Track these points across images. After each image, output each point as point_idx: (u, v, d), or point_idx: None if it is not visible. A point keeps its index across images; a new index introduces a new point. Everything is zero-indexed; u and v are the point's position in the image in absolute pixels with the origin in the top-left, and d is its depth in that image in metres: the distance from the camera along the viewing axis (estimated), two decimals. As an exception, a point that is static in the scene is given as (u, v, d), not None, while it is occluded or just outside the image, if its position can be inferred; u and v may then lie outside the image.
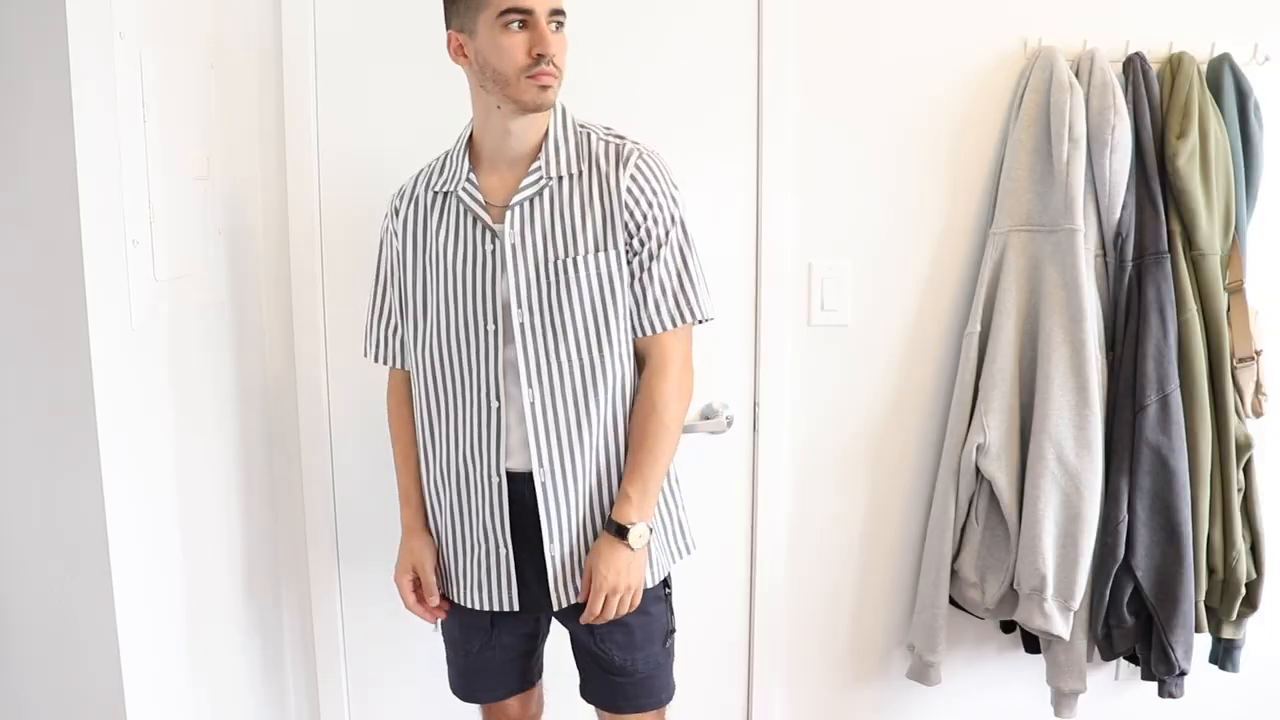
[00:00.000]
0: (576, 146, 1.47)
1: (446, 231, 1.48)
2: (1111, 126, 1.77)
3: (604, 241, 1.44)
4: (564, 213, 1.45)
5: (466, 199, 1.47)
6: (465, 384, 1.48)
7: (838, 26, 1.89)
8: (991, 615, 1.94)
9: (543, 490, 1.47)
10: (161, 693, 1.46)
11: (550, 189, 1.45)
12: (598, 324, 1.45)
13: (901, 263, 1.95)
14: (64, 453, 1.28)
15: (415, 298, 1.52)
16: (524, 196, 1.45)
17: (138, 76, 1.39)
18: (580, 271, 1.44)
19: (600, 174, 1.45)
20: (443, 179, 1.51)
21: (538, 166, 1.45)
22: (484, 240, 1.46)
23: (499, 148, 1.46)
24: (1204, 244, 1.82)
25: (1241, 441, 1.85)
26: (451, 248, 1.47)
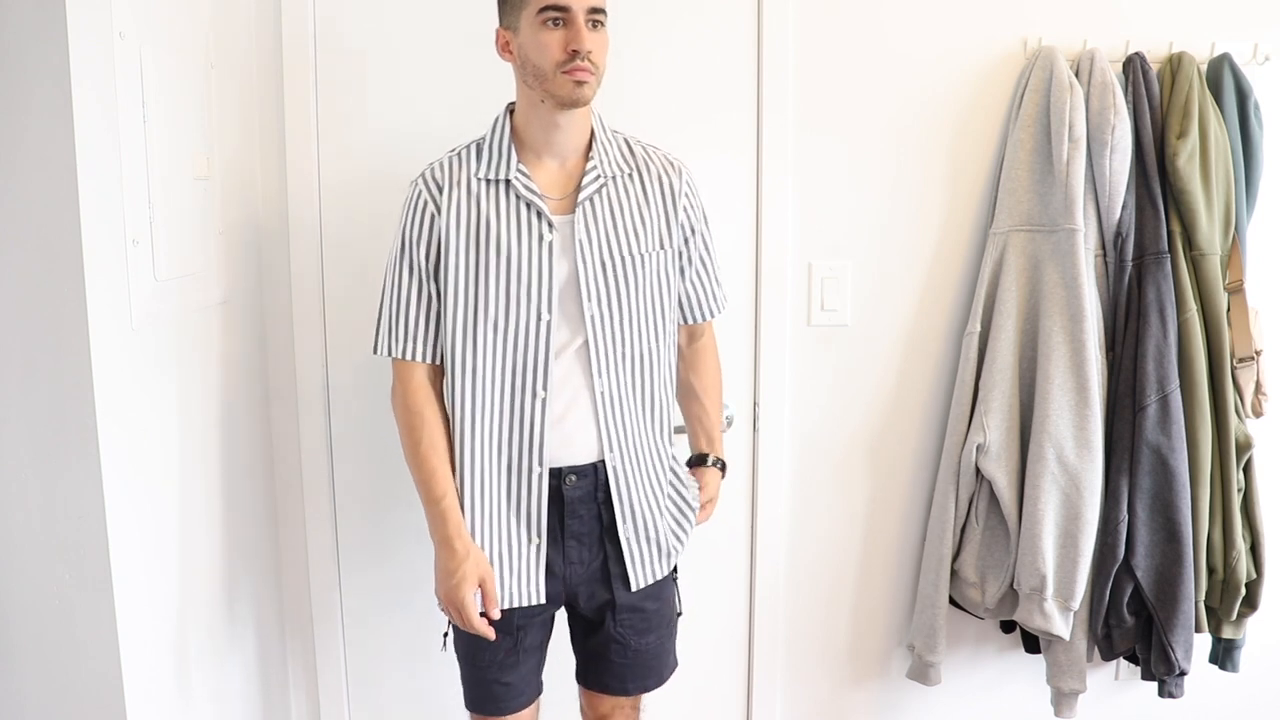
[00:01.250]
0: (619, 148, 1.55)
1: (504, 220, 1.48)
2: (1111, 126, 1.77)
3: (664, 240, 1.54)
4: (623, 210, 1.52)
5: (522, 188, 1.48)
6: (515, 375, 1.49)
7: (837, 26, 1.89)
8: (991, 615, 1.94)
9: (614, 474, 1.52)
10: (161, 692, 1.46)
11: (608, 187, 1.52)
12: (656, 315, 1.55)
13: (901, 263, 1.95)
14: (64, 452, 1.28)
15: (468, 287, 1.48)
16: (591, 192, 1.50)
17: (138, 76, 1.39)
18: (644, 266, 1.52)
19: (654, 177, 1.56)
20: (488, 167, 1.49)
21: (594, 165, 1.50)
22: (542, 230, 1.47)
23: (548, 140, 1.49)
24: (1204, 244, 1.82)
25: (1241, 441, 1.85)
26: (510, 236, 1.47)
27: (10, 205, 1.23)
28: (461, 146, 1.54)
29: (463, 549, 1.48)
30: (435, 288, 1.51)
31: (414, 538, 1.96)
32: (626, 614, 1.57)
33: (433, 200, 1.50)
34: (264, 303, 1.91)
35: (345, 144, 1.87)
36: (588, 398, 1.50)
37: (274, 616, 1.97)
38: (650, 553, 1.57)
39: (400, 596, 1.99)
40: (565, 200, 1.50)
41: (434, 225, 1.49)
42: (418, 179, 1.52)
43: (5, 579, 1.31)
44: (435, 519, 1.50)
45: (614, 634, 1.58)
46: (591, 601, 1.56)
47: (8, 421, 1.28)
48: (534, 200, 1.47)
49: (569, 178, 1.51)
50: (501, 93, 1.95)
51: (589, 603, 1.56)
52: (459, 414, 1.51)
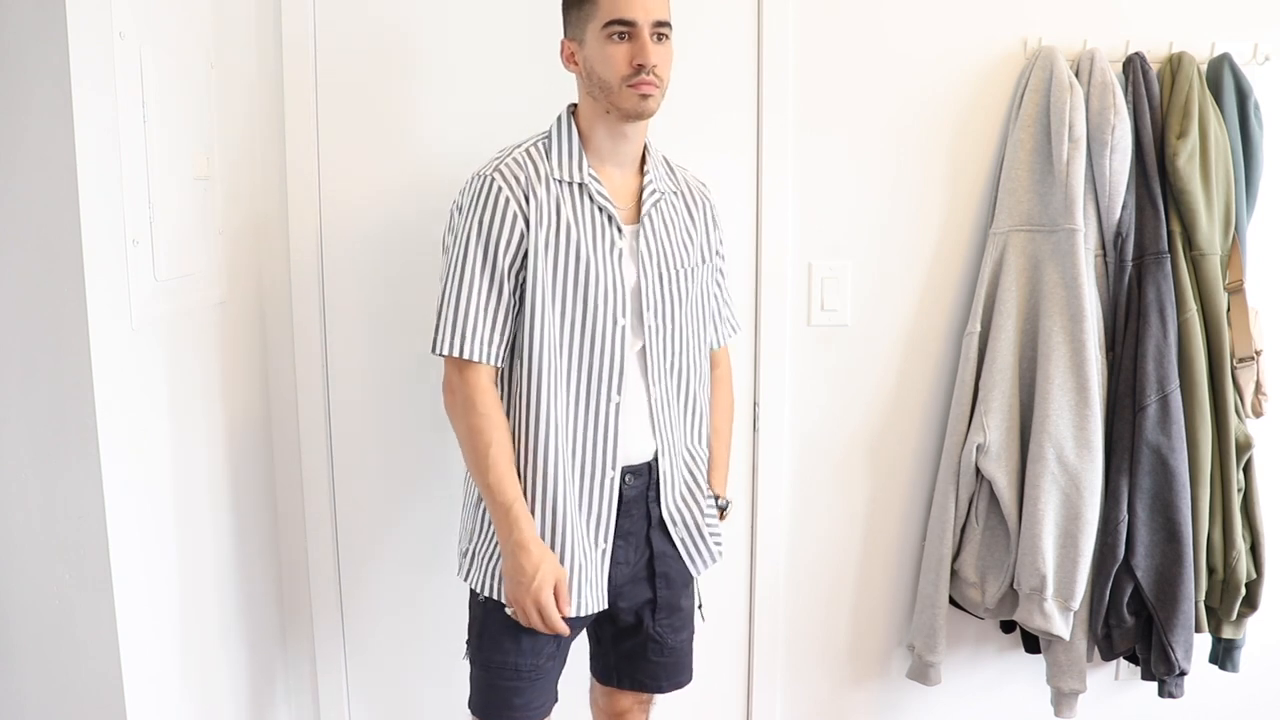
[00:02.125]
0: (663, 165, 1.60)
1: (582, 224, 1.47)
2: (1111, 126, 1.77)
3: (704, 256, 1.62)
4: (675, 224, 1.57)
5: (595, 193, 1.49)
6: (591, 379, 1.49)
7: (837, 26, 1.89)
8: (991, 615, 1.94)
9: (664, 476, 1.56)
10: (161, 692, 1.46)
11: (663, 200, 1.56)
12: (699, 327, 1.61)
13: (901, 263, 1.95)
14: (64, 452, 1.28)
15: (551, 290, 1.46)
16: (652, 204, 1.54)
17: (138, 76, 1.39)
18: (692, 280, 1.58)
19: (694, 197, 1.62)
20: (560, 168, 1.48)
21: (650, 179, 1.54)
22: (614, 236, 1.49)
23: (614, 150, 1.51)
24: (1204, 244, 1.82)
25: (1241, 441, 1.85)
26: (588, 241, 1.47)
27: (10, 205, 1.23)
28: (527, 142, 1.51)
29: (539, 552, 1.43)
30: (513, 287, 1.46)
31: (414, 537, 1.97)
32: (665, 613, 1.60)
33: (516, 199, 1.46)
34: (264, 303, 1.91)
35: (345, 144, 1.87)
36: (644, 401, 1.53)
37: (274, 616, 1.97)
38: (698, 542, 1.61)
39: (401, 596, 1.99)
40: (627, 210, 1.52)
41: (517, 224, 1.45)
42: (491, 174, 1.46)
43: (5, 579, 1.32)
44: (507, 523, 1.44)
45: (653, 633, 1.60)
46: (633, 601, 1.57)
47: (8, 421, 1.28)
48: (607, 206, 1.49)
49: (628, 187, 1.54)
50: (503, 93, 1.95)
51: (630, 602, 1.57)
52: (533, 418, 1.48)
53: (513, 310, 1.47)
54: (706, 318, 1.64)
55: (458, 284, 1.45)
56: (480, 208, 1.46)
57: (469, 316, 1.45)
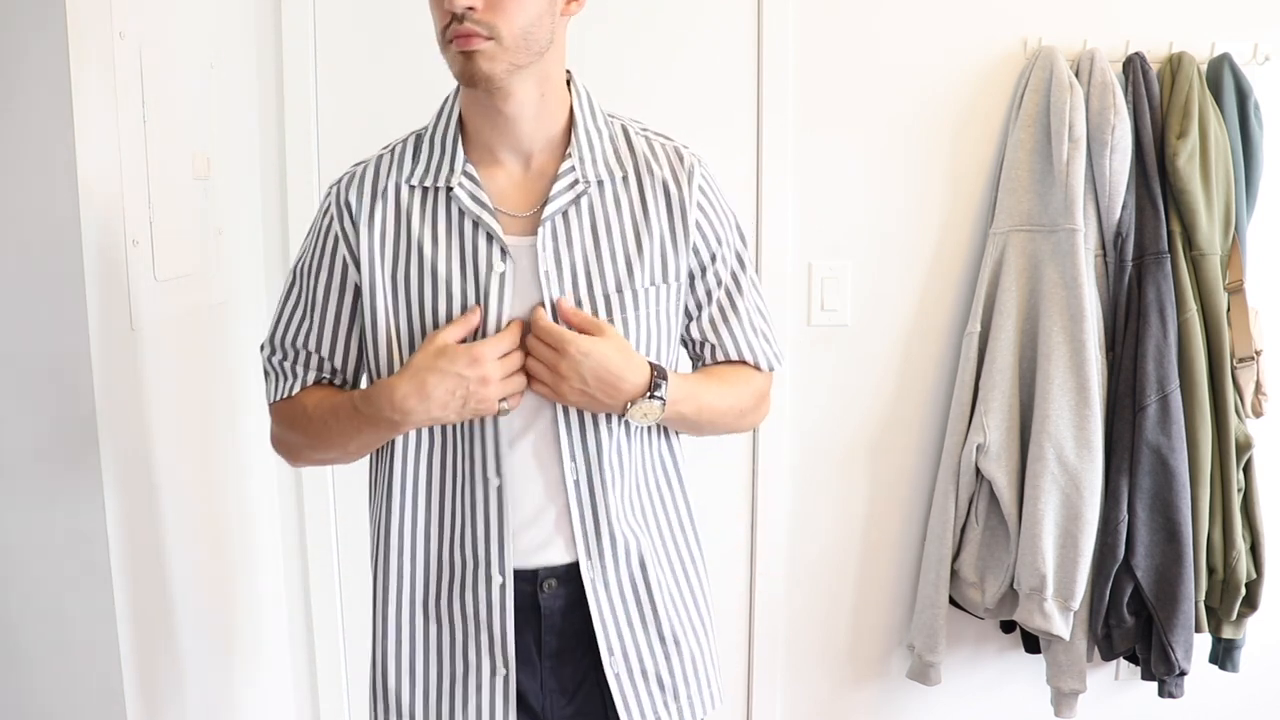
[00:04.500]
0: (613, 140, 1.16)
1: (441, 244, 1.11)
2: (1111, 126, 1.77)
3: (665, 270, 1.15)
4: (610, 229, 1.13)
5: (467, 200, 1.10)
6: (458, 455, 1.13)
7: (837, 27, 1.89)
8: (991, 615, 1.94)
9: (593, 589, 1.14)
10: (161, 692, 1.46)
11: (590, 197, 1.13)
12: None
13: (901, 263, 1.95)
14: (64, 451, 1.28)
15: (390, 337, 1.13)
16: (559, 207, 1.11)
17: (138, 76, 1.39)
18: (638, 308, 1.13)
19: (655, 181, 1.15)
20: (425, 170, 1.13)
21: (570, 167, 1.12)
22: (493, 258, 1.10)
23: (496, 133, 1.12)
24: (1204, 244, 1.82)
25: (1241, 441, 1.85)
26: (446, 265, 1.11)
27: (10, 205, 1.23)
28: (397, 141, 1.18)
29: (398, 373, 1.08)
30: (346, 332, 1.17)
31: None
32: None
33: (341, 219, 1.14)
34: (264, 303, 1.91)
35: (345, 144, 1.87)
36: (556, 483, 1.13)
37: (274, 615, 1.97)
38: (650, 691, 1.18)
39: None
40: (530, 218, 1.12)
41: (340, 253, 1.15)
42: (331, 187, 1.17)
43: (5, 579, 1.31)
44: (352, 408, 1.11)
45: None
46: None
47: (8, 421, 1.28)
48: (481, 216, 1.10)
49: (536, 185, 1.13)
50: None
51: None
52: (383, 506, 1.16)
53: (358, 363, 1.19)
54: (673, 356, 1.18)
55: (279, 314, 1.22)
56: (309, 239, 1.19)
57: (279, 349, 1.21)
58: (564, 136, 1.14)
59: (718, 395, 1.19)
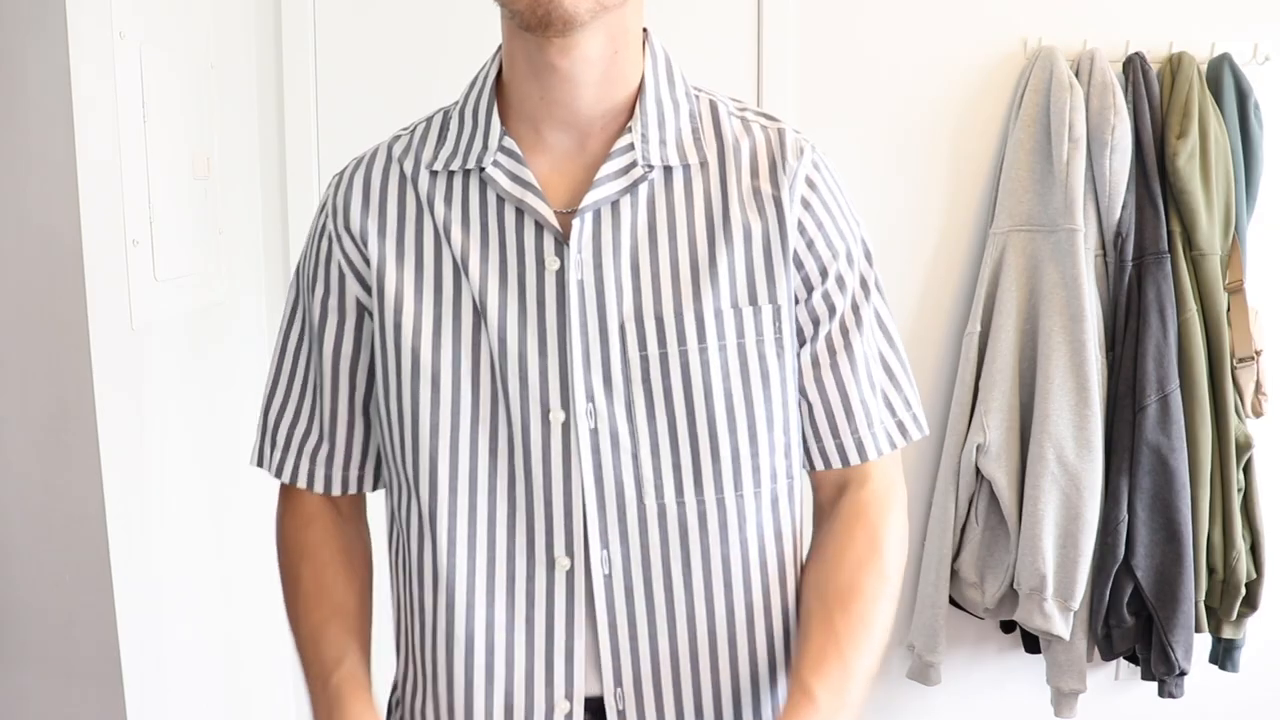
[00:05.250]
0: (694, 119, 0.88)
1: (475, 238, 0.85)
2: (1111, 126, 1.77)
3: (756, 288, 0.84)
4: (676, 231, 0.84)
5: (506, 181, 0.83)
6: (520, 528, 0.84)
7: (837, 27, 1.89)
8: (991, 615, 1.94)
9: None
10: (162, 693, 1.46)
11: (651, 185, 0.85)
12: (735, 434, 0.84)
13: (901, 263, 1.95)
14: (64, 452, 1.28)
15: (414, 367, 0.85)
16: (606, 196, 0.83)
17: (138, 76, 1.39)
18: (710, 337, 0.83)
19: (744, 170, 0.87)
20: (452, 151, 0.87)
21: (628, 145, 0.83)
22: (544, 252, 0.83)
23: (545, 98, 0.83)
24: (1204, 244, 1.82)
25: (1241, 441, 1.85)
26: (481, 271, 0.84)
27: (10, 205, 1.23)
28: (420, 120, 0.94)
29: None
30: (349, 368, 0.91)
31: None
32: None
33: (337, 222, 0.89)
34: (264, 303, 1.91)
35: (345, 144, 1.87)
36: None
37: (275, 615, 1.97)
38: None
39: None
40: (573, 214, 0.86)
41: (337, 267, 0.89)
42: (332, 181, 0.94)
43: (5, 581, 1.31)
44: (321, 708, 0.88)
45: None
46: None
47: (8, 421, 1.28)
48: (525, 200, 0.83)
49: (588, 171, 0.85)
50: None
51: None
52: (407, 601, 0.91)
53: (338, 407, 0.92)
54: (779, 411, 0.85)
55: (275, 367, 0.96)
56: (306, 248, 0.94)
57: (277, 412, 0.95)
58: (631, 108, 0.85)
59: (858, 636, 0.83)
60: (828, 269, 0.88)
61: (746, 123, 0.90)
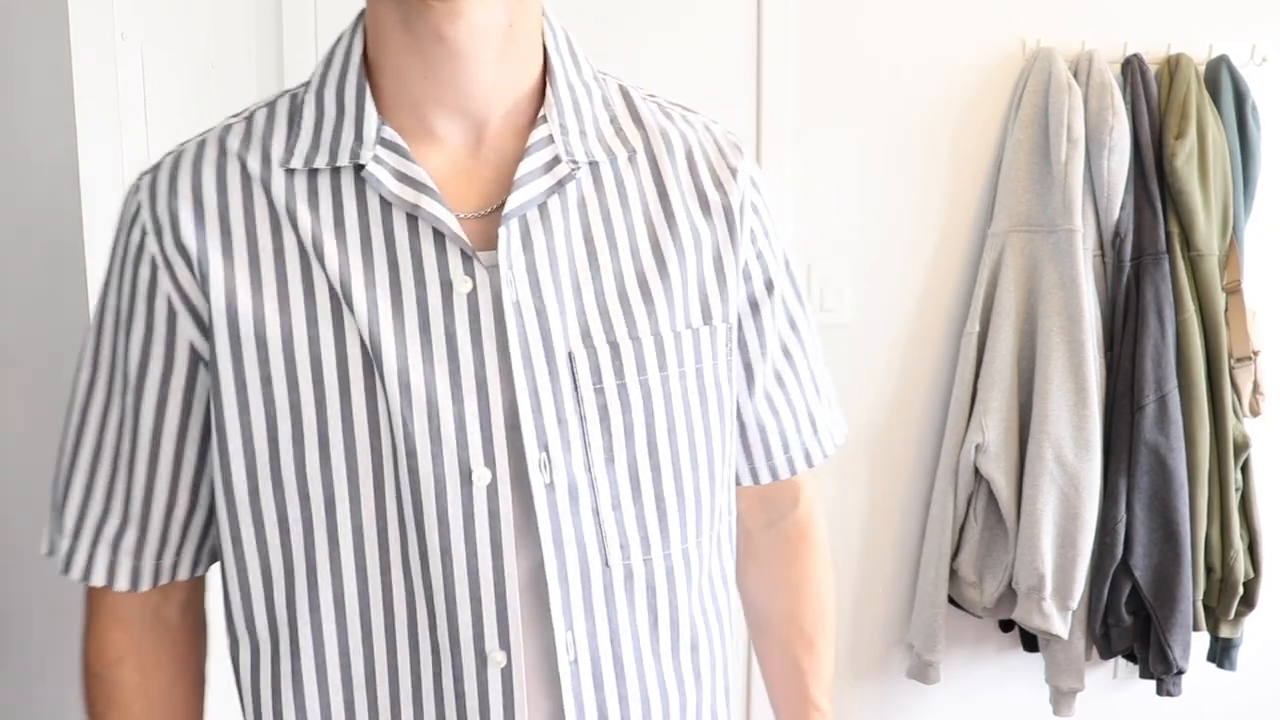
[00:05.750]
0: (607, 104, 0.75)
1: (352, 261, 0.67)
2: (1110, 127, 1.78)
3: (709, 304, 0.73)
4: (615, 237, 0.71)
5: (391, 181, 0.67)
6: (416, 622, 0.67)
7: (837, 27, 1.89)
8: (990, 614, 1.95)
9: None
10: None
11: (579, 184, 0.71)
12: (697, 473, 0.72)
13: (901, 263, 1.95)
14: (66, 453, 1.28)
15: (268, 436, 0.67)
16: (531, 198, 0.68)
17: (139, 77, 1.39)
18: (670, 363, 0.70)
19: (680, 166, 0.75)
20: (311, 144, 0.69)
21: (546, 136, 0.69)
22: (454, 274, 0.67)
23: (432, 85, 0.68)
24: (1202, 244, 1.82)
25: (1239, 441, 1.86)
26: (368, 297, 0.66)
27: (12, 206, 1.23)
28: (255, 105, 0.74)
29: None
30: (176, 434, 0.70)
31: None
32: None
33: (163, 241, 0.68)
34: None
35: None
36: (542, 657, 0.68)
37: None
38: None
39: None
40: (486, 220, 0.69)
41: (165, 302, 0.69)
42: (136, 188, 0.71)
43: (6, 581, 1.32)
44: None
45: None
46: None
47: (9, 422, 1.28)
48: (421, 204, 0.66)
49: (493, 168, 0.70)
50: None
51: None
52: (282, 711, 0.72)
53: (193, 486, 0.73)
54: (726, 438, 0.76)
55: (66, 433, 0.74)
56: (105, 279, 0.73)
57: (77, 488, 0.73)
58: (536, 97, 0.71)
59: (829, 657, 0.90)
60: (774, 280, 0.80)
61: (664, 110, 0.79)
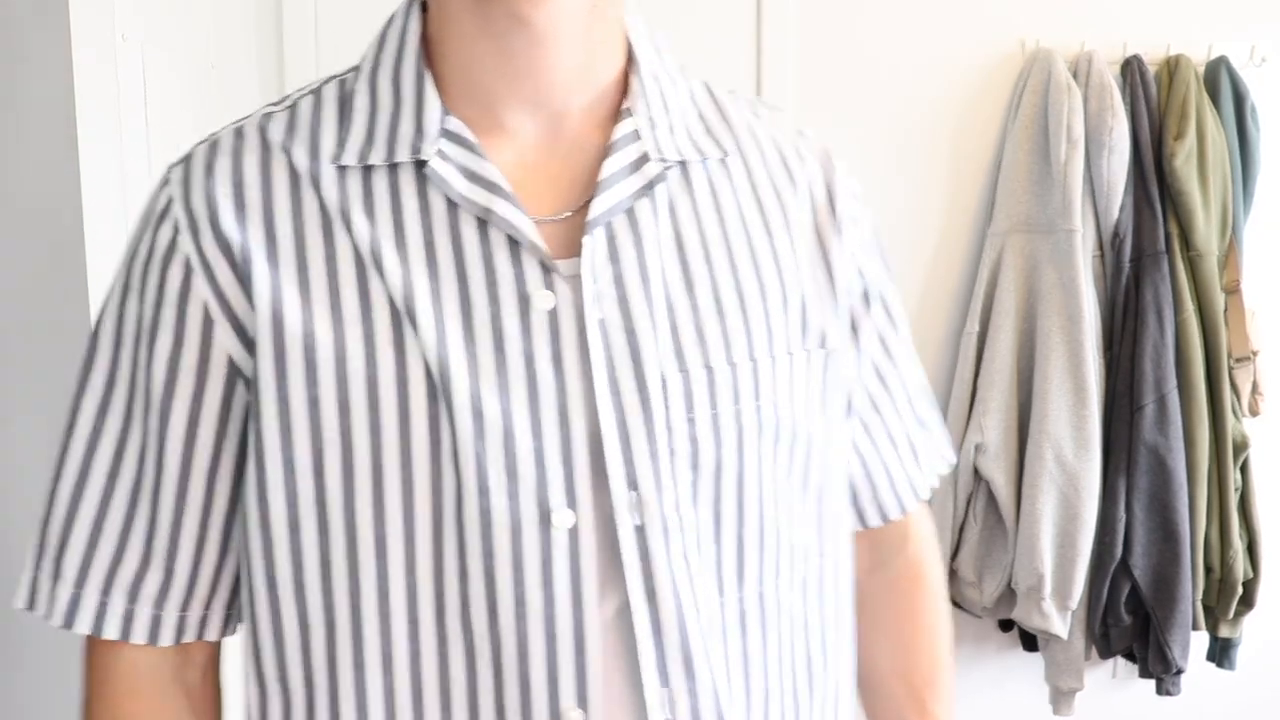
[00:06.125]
0: (694, 99, 0.68)
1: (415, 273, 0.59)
2: (1109, 128, 1.78)
3: (808, 325, 0.65)
4: (711, 249, 0.63)
5: (458, 180, 0.59)
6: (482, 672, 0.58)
7: (837, 28, 1.89)
8: (990, 614, 1.95)
9: None
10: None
11: (669, 189, 0.63)
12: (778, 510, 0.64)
13: (901, 263, 1.95)
14: (67, 454, 1.28)
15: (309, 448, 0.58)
16: (617, 201, 0.60)
17: (140, 78, 1.39)
18: (765, 391, 0.62)
19: (782, 173, 0.68)
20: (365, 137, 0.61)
21: (632, 132, 0.62)
22: (532, 288, 0.59)
23: (506, 75, 0.60)
24: (1201, 244, 1.83)
25: (1238, 441, 1.86)
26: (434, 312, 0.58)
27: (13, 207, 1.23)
28: (298, 93, 0.67)
29: None
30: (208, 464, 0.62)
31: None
32: None
33: (200, 239, 0.60)
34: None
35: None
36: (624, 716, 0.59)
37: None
38: None
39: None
40: (565, 224, 0.61)
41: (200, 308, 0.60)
42: (167, 179, 0.63)
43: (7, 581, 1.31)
44: None
45: None
46: None
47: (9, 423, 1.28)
48: (493, 207, 0.58)
49: (573, 167, 0.62)
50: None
51: None
52: None
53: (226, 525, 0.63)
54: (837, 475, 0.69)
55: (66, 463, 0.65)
56: (122, 283, 0.63)
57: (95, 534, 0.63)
58: (618, 88, 0.64)
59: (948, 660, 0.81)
60: (870, 295, 0.70)
61: (753, 108, 0.72)
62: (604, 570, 0.58)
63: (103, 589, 0.62)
